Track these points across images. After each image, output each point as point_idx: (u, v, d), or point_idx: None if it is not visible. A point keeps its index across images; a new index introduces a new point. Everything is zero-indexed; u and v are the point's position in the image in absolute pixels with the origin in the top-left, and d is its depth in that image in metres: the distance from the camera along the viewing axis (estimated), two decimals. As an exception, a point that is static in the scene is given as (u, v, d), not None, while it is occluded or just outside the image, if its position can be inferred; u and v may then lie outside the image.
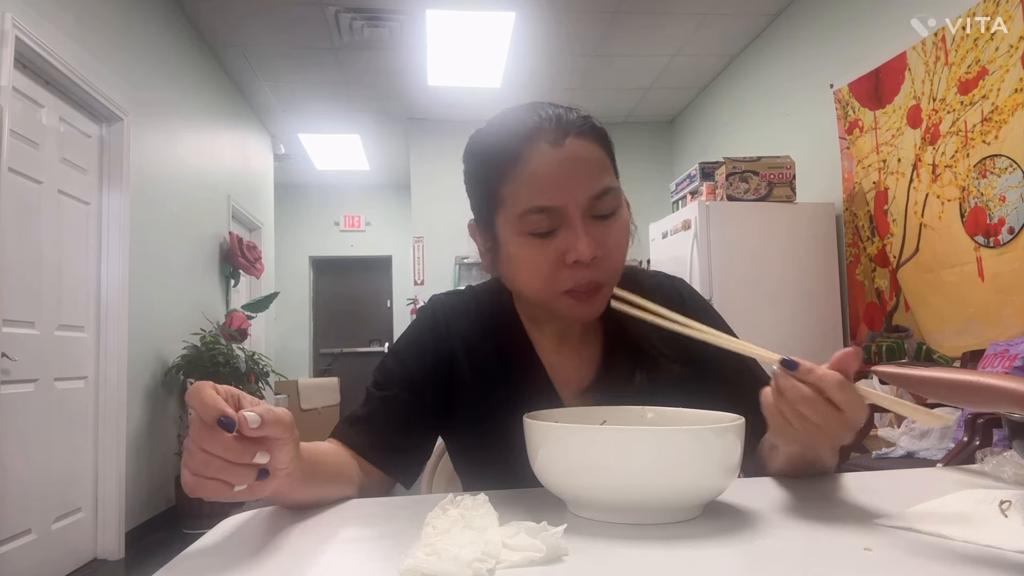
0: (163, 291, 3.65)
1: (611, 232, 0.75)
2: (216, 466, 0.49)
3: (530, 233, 0.74)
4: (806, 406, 0.58)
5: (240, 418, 0.49)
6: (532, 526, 0.51)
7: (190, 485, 0.49)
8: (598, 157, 0.75)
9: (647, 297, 0.82)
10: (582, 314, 0.77)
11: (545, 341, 0.87)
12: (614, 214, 0.76)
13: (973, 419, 1.94)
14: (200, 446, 0.48)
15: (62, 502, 2.77)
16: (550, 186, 0.72)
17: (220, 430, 0.48)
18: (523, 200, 0.73)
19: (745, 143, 4.40)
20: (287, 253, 7.49)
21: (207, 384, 0.50)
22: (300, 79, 4.88)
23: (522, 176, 0.73)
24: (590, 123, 0.76)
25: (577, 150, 0.73)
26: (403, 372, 0.84)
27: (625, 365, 0.83)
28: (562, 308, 0.77)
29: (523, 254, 0.75)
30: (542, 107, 0.76)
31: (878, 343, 3.10)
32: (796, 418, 0.59)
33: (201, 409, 0.49)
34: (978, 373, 0.54)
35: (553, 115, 0.74)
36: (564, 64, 4.65)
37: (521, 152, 0.73)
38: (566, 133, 0.73)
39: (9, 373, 2.42)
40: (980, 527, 0.53)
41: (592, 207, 0.73)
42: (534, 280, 0.76)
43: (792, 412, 0.59)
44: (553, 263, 0.73)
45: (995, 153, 2.50)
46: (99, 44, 3.02)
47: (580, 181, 0.72)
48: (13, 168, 2.45)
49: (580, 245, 0.71)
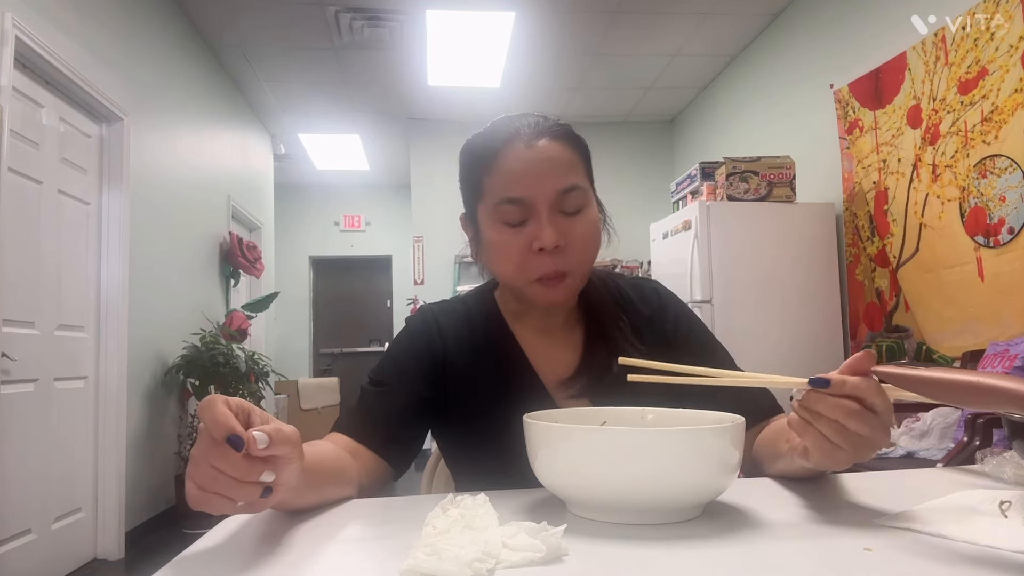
0: (163, 291, 3.65)
1: (576, 226, 0.82)
2: (222, 482, 0.49)
3: (503, 222, 0.83)
4: (855, 421, 0.56)
5: (249, 437, 0.49)
6: (532, 526, 0.51)
7: (196, 499, 0.49)
8: (568, 158, 0.83)
9: (625, 297, 0.94)
10: (550, 299, 0.84)
11: (528, 335, 0.92)
12: (581, 211, 0.83)
13: (973, 419, 1.94)
14: (208, 462, 0.49)
15: (62, 502, 2.77)
16: (521, 180, 0.81)
17: (228, 448, 0.48)
18: (498, 191, 0.82)
19: (745, 143, 4.40)
20: (287, 253, 7.49)
21: (219, 398, 0.50)
22: (300, 79, 4.88)
23: (499, 171, 0.82)
24: (565, 129, 0.86)
25: (548, 150, 0.82)
26: (397, 369, 0.89)
27: (604, 356, 0.88)
28: (532, 293, 0.85)
29: (497, 240, 0.83)
30: (526, 116, 0.86)
31: (878, 343, 3.10)
32: (841, 436, 0.57)
33: (212, 425, 0.49)
34: (978, 373, 0.54)
35: (532, 121, 0.85)
36: (564, 64, 4.64)
37: (500, 150, 0.83)
38: (540, 135, 0.83)
39: (9, 373, 2.42)
40: (980, 527, 0.53)
41: (559, 202, 0.82)
42: (507, 265, 0.84)
43: (837, 430, 0.57)
44: (522, 250, 0.82)
45: (995, 153, 2.50)
46: (99, 44, 3.02)
47: (548, 177, 0.81)
48: (13, 168, 2.45)
49: (544, 234, 0.80)
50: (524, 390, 0.87)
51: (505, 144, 0.82)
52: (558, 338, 0.92)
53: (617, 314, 0.93)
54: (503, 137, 0.83)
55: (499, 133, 0.84)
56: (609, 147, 5.70)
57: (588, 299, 0.93)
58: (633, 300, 0.96)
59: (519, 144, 0.82)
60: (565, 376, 0.89)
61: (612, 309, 0.93)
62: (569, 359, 0.90)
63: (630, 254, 4.98)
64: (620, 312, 0.93)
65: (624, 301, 0.95)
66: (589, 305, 0.93)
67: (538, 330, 0.93)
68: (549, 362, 0.90)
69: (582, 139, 0.88)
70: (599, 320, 0.92)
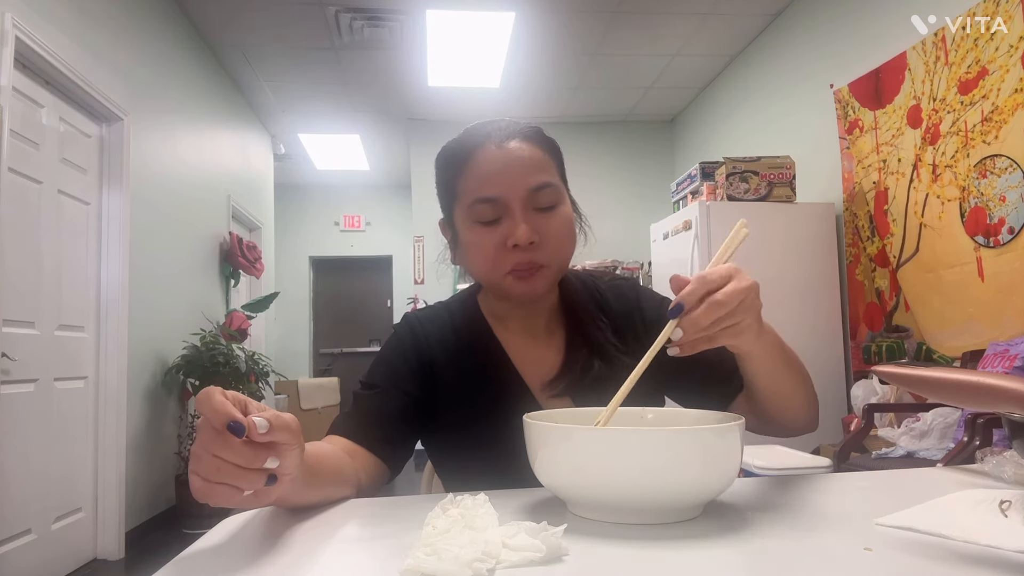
0: (163, 291, 3.65)
1: (550, 222, 0.84)
2: (227, 471, 0.49)
3: (478, 221, 0.84)
4: (716, 314, 0.63)
5: (249, 423, 0.49)
6: (532, 526, 0.51)
7: (201, 491, 0.49)
8: (538, 157, 0.85)
9: (604, 298, 0.97)
10: (524, 291, 0.85)
11: (511, 337, 0.94)
12: (554, 208, 0.85)
13: (973, 419, 1.94)
14: (211, 451, 0.49)
15: (62, 502, 2.77)
16: (493, 179, 0.83)
17: (230, 435, 0.49)
18: (471, 192, 0.84)
19: (745, 143, 4.40)
20: (287, 253, 7.49)
21: (215, 389, 0.51)
22: (300, 79, 4.88)
23: (471, 172, 0.84)
24: (535, 130, 0.88)
25: (518, 150, 0.84)
26: (388, 372, 0.90)
27: (585, 356, 0.91)
28: (507, 286, 0.86)
29: (472, 239, 0.85)
30: (497, 120, 0.88)
31: (878, 343, 3.10)
32: (725, 323, 0.64)
33: (211, 414, 0.49)
34: (978, 373, 0.54)
35: (503, 124, 0.87)
36: (564, 64, 4.64)
37: (472, 153, 0.85)
38: (511, 137, 0.85)
39: (9, 373, 2.42)
40: (980, 527, 0.52)
41: (532, 199, 0.83)
42: (482, 263, 0.86)
43: (720, 323, 0.64)
44: (497, 247, 0.83)
45: (995, 153, 2.50)
46: (99, 44, 3.02)
47: (519, 175, 0.83)
48: (13, 168, 2.45)
49: (518, 231, 0.81)
50: (508, 392, 0.89)
51: (477, 147, 0.85)
52: (540, 340, 0.94)
53: (597, 315, 0.95)
54: (475, 141, 0.85)
55: (471, 137, 0.86)
56: (609, 147, 5.70)
57: (568, 301, 0.96)
58: (611, 300, 0.98)
59: (490, 146, 0.84)
60: (548, 377, 0.90)
61: (592, 310, 0.95)
62: (552, 360, 0.92)
63: (631, 255, 4.98)
64: (600, 313, 0.95)
65: (603, 302, 0.97)
66: (569, 307, 0.95)
67: (521, 332, 0.94)
68: (532, 363, 0.92)
69: (553, 140, 0.90)
70: (579, 321, 0.94)
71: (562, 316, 0.96)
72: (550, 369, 0.91)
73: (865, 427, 2.43)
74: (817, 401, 0.87)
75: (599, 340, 0.92)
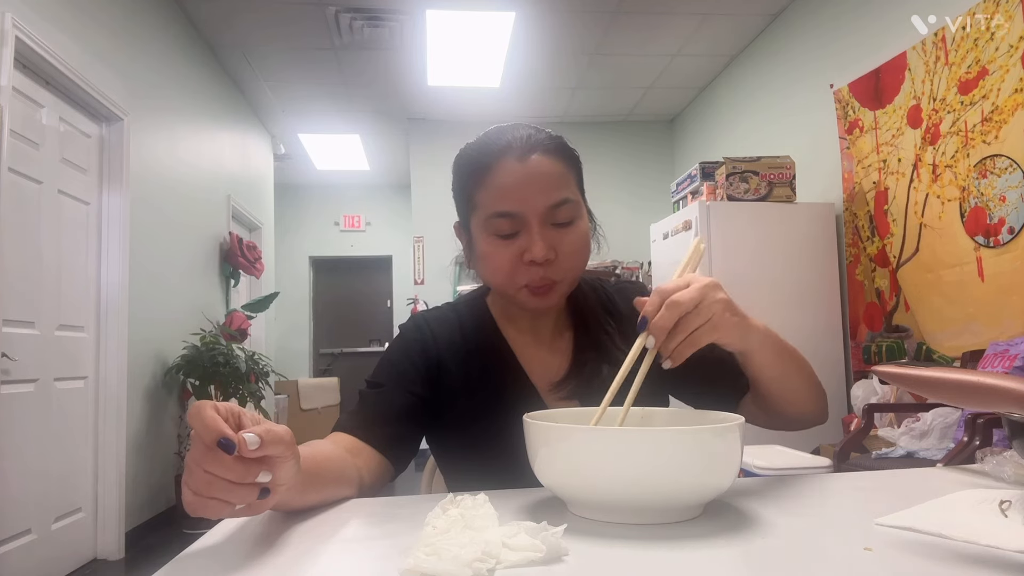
0: (163, 291, 3.65)
1: (567, 238, 0.84)
2: (218, 486, 0.49)
3: (495, 234, 0.84)
4: (681, 308, 0.66)
5: (240, 439, 0.49)
6: (532, 526, 0.51)
7: (192, 505, 0.49)
8: (559, 172, 0.84)
9: (611, 302, 0.98)
10: (538, 305, 0.87)
11: (519, 338, 0.95)
12: (572, 223, 0.85)
13: (973, 419, 1.94)
14: (202, 467, 0.49)
15: (62, 502, 2.77)
16: (512, 195, 0.82)
17: (221, 451, 0.48)
18: (490, 206, 0.83)
19: (745, 143, 4.40)
20: (287, 253, 7.48)
21: (207, 404, 0.50)
22: (300, 79, 4.88)
23: (491, 185, 0.83)
24: (556, 142, 0.86)
25: (539, 165, 0.83)
26: (394, 371, 0.90)
27: (594, 359, 0.91)
28: (521, 299, 0.86)
29: (489, 251, 0.85)
30: (519, 128, 0.87)
31: (878, 343, 3.10)
32: (696, 323, 0.67)
33: (202, 430, 0.49)
34: (978, 373, 0.54)
35: (524, 135, 0.85)
36: (564, 64, 4.64)
37: (492, 165, 0.84)
38: (532, 150, 0.83)
39: (9, 373, 2.42)
40: (980, 527, 0.52)
41: (550, 215, 0.83)
42: (497, 275, 0.86)
43: (689, 323, 0.67)
44: (513, 261, 0.83)
45: (995, 153, 2.50)
46: (99, 44, 3.02)
47: (539, 192, 0.82)
48: (13, 168, 2.45)
49: (535, 248, 0.81)
50: (516, 393, 0.89)
51: (497, 158, 0.83)
52: (548, 342, 0.95)
53: (604, 318, 0.96)
54: (495, 151, 0.84)
55: (492, 146, 0.85)
56: (609, 147, 5.70)
57: (576, 304, 0.96)
58: (618, 304, 0.98)
59: (511, 158, 0.83)
60: (556, 379, 0.91)
61: (600, 314, 0.96)
62: (559, 363, 0.93)
63: (631, 255, 4.97)
64: (607, 316, 0.96)
65: (611, 305, 0.98)
66: (578, 310, 0.96)
67: (529, 335, 0.95)
68: (540, 366, 0.93)
69: (574, 151, 0.89)
70: (587, 325, 0.95)
71: (570, 319, 0.96)
72: (557, 371, 0.92)
73: (865, 427, 2.43)
74: (824, 393, 0.88)
75: (606, 343, 0.92)
